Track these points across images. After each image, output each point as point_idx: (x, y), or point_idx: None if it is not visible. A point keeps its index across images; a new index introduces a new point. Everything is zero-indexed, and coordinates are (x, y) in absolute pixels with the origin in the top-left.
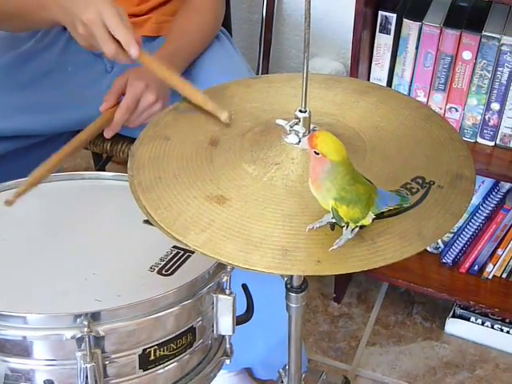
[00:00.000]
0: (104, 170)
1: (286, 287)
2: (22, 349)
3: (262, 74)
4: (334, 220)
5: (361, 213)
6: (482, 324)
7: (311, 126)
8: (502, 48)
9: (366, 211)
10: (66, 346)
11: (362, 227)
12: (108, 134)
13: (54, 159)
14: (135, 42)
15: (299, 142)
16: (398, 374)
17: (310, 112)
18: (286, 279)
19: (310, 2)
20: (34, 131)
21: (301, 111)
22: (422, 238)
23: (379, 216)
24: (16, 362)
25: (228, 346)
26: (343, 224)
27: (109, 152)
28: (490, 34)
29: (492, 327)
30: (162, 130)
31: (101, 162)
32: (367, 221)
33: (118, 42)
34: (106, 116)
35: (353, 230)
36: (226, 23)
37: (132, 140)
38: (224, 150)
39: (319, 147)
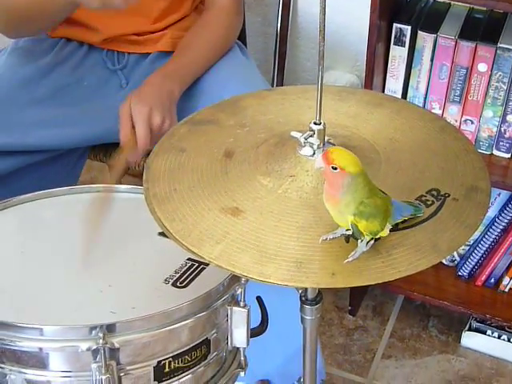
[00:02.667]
0: (119, 183)
1: (301, 299)
2: (38, 360)
3: (276, 86)
4: (348, 232)
5: (380, 225)
6: (499, 337)
7: (326, 138)
8: None
9: (384, 223)
10: (81, 357)
11: (376, 240)
12: (134, 160)
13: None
14: None
15: (314, 154)
16: None
17: (324, 124)
18: (300, 291)
19: (324, 14)
20: (50, 146)
21: (315, 123)
22: (437, 250)
23: (394, 228)
24: (32, 374)
25: (242, 358)
26: (362, 238)
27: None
28: (505, 46)
29: (509, 340)
30: (177, 142)
31: None
32: (385, 232)
33: None
34: (128, 145)
35: (368, 242)
36: (241, 36)
37: (147, 153)
38: (239, 162)
39: (337, 161)
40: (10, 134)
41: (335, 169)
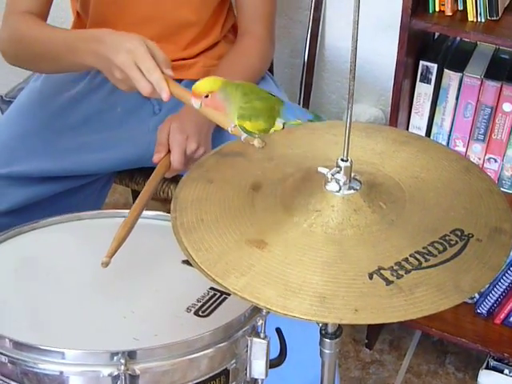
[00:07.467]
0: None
1: (321, 333)
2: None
3: None
4: (245, 134)
5: (266, 124)
6: None
7: (352, 175)
8: None
9: (272, 121)
10: (102, 383)
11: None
12: (169, 176)
13: (130, 216)
14: (165, 85)
15: (340, 189)
16: None
17: (351, 161)
18: (320, 325)
19: (355, 55)
20: (84, 171)
21: (342, 160)
22: (459, 290)
23: (418, 267)
24: None
25: None
26: (256, 136)
27: None
28: None
29: None
30: (205, 172)
31: None
32: (278, 127)
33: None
34: (163, 163)
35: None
36: (269, 67)
37: (171, 179)
38: (265, 195)
39: (204, 89)
40: (46, 160)
41: (207, 96)
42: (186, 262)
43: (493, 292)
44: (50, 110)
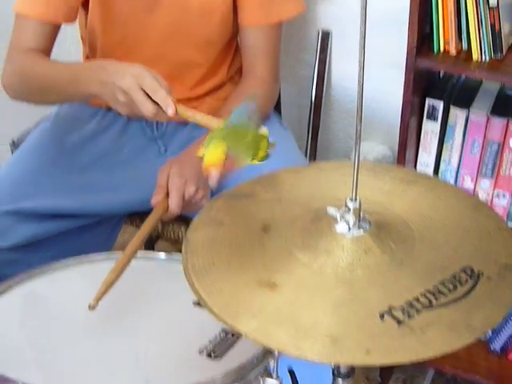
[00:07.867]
0: (153, 247)
1: (333, 373)
2: None
3: (310, 156)
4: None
5: (266, 141)
6: None
7: (361, 215)
8: None
9: (262, 135)
10: None
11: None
12: (166, 219)
13: (122, 259)
14: (171, 101)
15: (349, 230)
16: None
17: (360, 202)
18: (333, 365)
19: (362, 97)
20: (89, 211)
21: (351, 200)
22: (471, 329)
23: (429, 306)
24: None
25: None
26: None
27: (160, 233)
28: None
29: None
30: (215, 214)
31: (150, 239)
32: (266, 132)
33: (155, 102)
34: (161, 206)
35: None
36: (277, 107)
37: (182, 219)
38: (275, 237)
39: (217, 160)
40: (55, 197)
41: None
42: (198, 304)
43: (505, 328)
44: (59, 149)
